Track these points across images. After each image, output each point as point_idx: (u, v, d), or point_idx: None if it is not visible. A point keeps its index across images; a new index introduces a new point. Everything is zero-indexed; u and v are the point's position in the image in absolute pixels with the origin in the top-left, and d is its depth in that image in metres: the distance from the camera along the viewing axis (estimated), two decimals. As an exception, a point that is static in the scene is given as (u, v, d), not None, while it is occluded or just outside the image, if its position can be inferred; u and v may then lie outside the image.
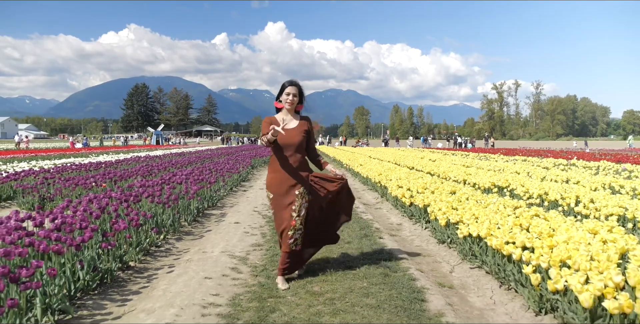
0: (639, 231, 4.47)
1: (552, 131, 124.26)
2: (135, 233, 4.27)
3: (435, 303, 3.02)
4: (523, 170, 10.86)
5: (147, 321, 2.82)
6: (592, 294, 2.37)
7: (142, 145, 47.38)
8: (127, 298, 3.35)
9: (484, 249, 3.79)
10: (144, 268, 4.09)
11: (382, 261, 3.99)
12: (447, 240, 4.68)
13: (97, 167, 11.74)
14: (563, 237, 3.24)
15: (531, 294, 2.93)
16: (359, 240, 4.86)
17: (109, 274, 3.61)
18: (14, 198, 7.96)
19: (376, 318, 2.77)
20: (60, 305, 2.82)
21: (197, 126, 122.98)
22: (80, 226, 3.62)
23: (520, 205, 5.05)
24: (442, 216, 4.75)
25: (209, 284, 3.51)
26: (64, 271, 3.11)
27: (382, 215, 6.97)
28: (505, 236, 3.49)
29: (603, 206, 5.06)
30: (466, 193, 6.13)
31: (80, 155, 19.73)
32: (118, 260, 3.80)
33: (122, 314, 3.03)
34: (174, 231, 5.34)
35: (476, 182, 8.01)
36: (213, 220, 6.35)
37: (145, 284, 3.66)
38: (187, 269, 3.95)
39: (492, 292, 3.40)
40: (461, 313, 2.99)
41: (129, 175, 8.77)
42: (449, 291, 3.49)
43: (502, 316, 3.00)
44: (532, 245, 3.22)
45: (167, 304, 3.09)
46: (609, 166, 12.61)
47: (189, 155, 19.99)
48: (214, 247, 4.70)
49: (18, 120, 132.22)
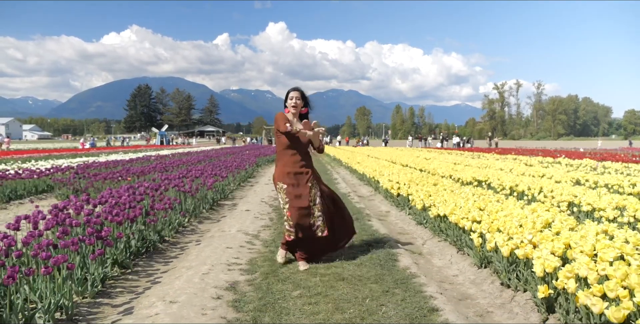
0: (583, 212, 5.40)
1: (554, 131, 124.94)
2: (168, 214, 5.25)
3: (404, 261, 3.99)
4: (507, 167, 11.82)
5: (189, 272, 3.79)
6: (509, 247, 3.33)
7: (147, 145, 48.43)
8: (169, 260, 4.33)
9: (449, 225, 4.75)
10: (177, 242, 5.07)
11: (368, 236, 4.96)
12: (423, 221, 5.65)
13: (116, 165, 12.74)
14: (504, 213, 4.22)
15: (475, 254, 3.90)
16: (351, 222, 5.83)
17: (152, 244, 4.60)
18: (48, 191, 8.97)
19: (359, 270, 3.74)
20: (124, 260, 3.81)
21: (199, 126, 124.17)
22: (129, 206, 4.60)
23: (486, 193, 6.02)
24: (419, 202, 5.74)
25: (231, 252, 4.48)
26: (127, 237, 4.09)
27: (374, 204, 7.94)
28: (463, 214, 4.46)
29: (558, 195, 6.02)
30: (445, 185, 7.11)
31: (92, 155, 20.74)
32: (157, 234, 4.78)
33: (168, 269, 4.02)
34: (195, 216, 6.33)
35: (460, 177, 8.99)
36: (226, 209, 7.34)
37: (180, 252, 4.65)
38: (211, 242, 4.93)
39: (451, 256, 4.37)
40: (423, 268, 3.97)
41: (148, 171, 9.76)
42: (418, 256, 4.47)
43: (454, 271, 3.98)
44: (481, 219, 4.19)
45: (200, 263, 4.06)
46: (590, 163, 13.59)
47: (196, 154, 20.99)
48: (230, 227, 5.68)
49: (22, 121, 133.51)
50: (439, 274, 3.94)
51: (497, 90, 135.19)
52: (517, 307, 3.04)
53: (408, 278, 3.51)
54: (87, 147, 37.68)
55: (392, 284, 3.36)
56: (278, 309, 2.95)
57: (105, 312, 3.06)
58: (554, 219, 4.06)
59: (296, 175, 3.87)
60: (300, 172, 3.89)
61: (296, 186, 3.84)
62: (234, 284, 3.49)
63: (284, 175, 3.89)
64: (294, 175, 3.87)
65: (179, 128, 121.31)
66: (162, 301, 3.09)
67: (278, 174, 3.95)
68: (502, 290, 3.35)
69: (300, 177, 3.88)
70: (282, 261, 4.01)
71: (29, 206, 7.63)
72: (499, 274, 3.47)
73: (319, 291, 3.24)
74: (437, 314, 2.80)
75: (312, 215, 3.84)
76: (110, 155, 20.57)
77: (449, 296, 3.31)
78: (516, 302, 3.10)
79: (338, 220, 4.09)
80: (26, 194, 8.53)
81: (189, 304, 3.03)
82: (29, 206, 7.55)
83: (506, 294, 3.28)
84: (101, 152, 25.13)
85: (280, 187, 3.90)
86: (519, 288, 3.21)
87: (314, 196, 3.87)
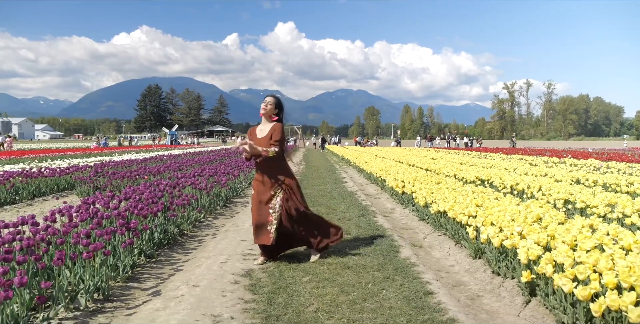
0: (577, 209, 5.70)
1: (564, 131, 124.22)
2: (186, 210, 5.64)
3: (405, 253, 4.33)
4: (512, 167, 12.09)
5: (208, 261, 4.17)
6: (500, 239, 3.66)
7: (158, 144, 49.11)
8: (188, 251, 4.72)
9: (448, 220, 5.08)
10: (194, 235, 5.46)
11: (372, 231, 5.31)
12: (425, 217, 5.98)
13: (131, 164, 13.20)
14: (498, 208, 4.54)
15: (470, 245, 4.23)
16: (357, 218, 6.18)
17: (172, 237, 4.98)
18: (69, 189, 9.42)
19: (363, 260, 4.09)
20: (149, 250, 4.19)
21: (208, 126, 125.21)
22: (151, 201, 4.99)
23: (486, 191, 6.33)
24: (421, 199, 6.07)
25: (245, 244, 4.85)
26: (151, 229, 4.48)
27: (380, 202, 8.28)
28: (461, 209, 4.79)
29: (555, 193, 6.32)
30: (448, 183, 7.43)
31: (106, 155, 21.28)
32: (177, 228, 5.16)
33: (188, 259, 4.40)
34: (210, 212, 6.71)
35: (464, 176, 9.29)
36: (239, 206, 7.72)
37: (198, 244, 5.03)
38: (227, 235, 5.30)
39: (449, 249, 4.71)
40: (422, 259, 4.31)
41: (163, 169, 10.18)
42: (418, 249, 4.80)
43: (451, 261, 4.32)
44: (476, 214, 4.52)
45: (218, 253, 4.44)
46: (594, 163, 13.80)
47: (207, 153, 21.45)
48: (244, 222, 6.05)
49: (34, 121, 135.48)
50: (436, 265, 4.27)
51: (507, 90, 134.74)
52: (504, 292, 3.37)
53: (408, 266, 3.86)
54: (100, 146, 38.39)
55: (392, 272, 3.71)
56: (290, 291, 3.31)
57: (136, 294, 3.45)
58: (545, 214, 4.38)
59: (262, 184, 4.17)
60: (265, 181, 4.14)
61: (262, 193, 4.14)
62: (250, 271, 3.86)
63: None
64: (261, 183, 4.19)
65: (189, 128, 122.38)
66: (186, 285, 3.47)
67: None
68: (493, 278, 3.68)
69: (266, 185, 4.15)
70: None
71: (52, 202, 8.08)
72: (491, 263, 3.80)
73: (326, 277, 3.60)
74: (431, 297, 3.14)
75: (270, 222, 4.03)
76: (123, 154, 21.10)
77: (444, 282, 3.64)
78: (504, 288, 3.44)
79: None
80: (49, 191, 8.99)
81: (210, 287, 3.40)
82: (52, 203, 8.00)
83: (496, 281, 3.61)
84: (114, 151, 25.70)
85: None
86: (507, 276, 3.54)
87: (275, 205, 4.04)
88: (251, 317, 2.88)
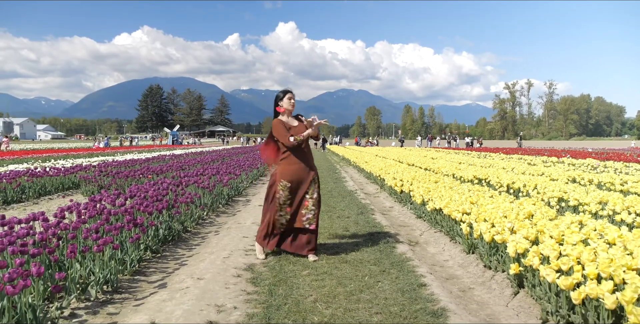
0: (570, 207, 5.85)
1: (565, 131, 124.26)
2: (190, 208, 5.80)
3: (401, 248, 4.49)
4: (510, 166, 12.23)
5: (211, 256, 4.33)
6: (491, 234, 3.82)
7: (160, 144, 49.32)
8: (192, 247, 4.88)
9: (443, 217, 5.24)
10: (198, 232, 5.62)
11: (370, 228, 5.47)
12: (422, 215, 6.14)
13: (134, 164, 13.37)
14: (492, 206, 4.70)
15: (464, 241, 4.38)
16: (356, 215, 6.34)
17: (176, 233, 5.14)
18: (74, 188, 9.60)
19: (360, 255, 4.25)
20: (155, 245, 4.36)
21: (209, 126, 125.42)
22: (156, 199, 5.16)
23: (482, 189, 6.48)
24: (419, 197, 6.23)
25: (247, 241, 5.01)
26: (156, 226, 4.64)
27: (379, 201, 8.44)
28: (456, 207, 4.94)
29: (549, 191, 6.48)
30: (445, 182, 7.59)
31: (108, 154, 21.48)
32: (181, 225, 5.33)
33: (192, 254, 4.56)
34: (212, 210, 6.88)
35: (462, 175, 9.45)
36: (241, 204, 7.89)
37: (201, 241, 5.19)
38: (229, 232, 5.46)
39: (444, 245, 4.86)
40: (418, 254, 4.47)
41: (166, 169, 10.35)
42: (415, 245, 4.96)
43: (446, 256, 4.48)
44: (470, 211, 4.68)
45: (220, 249, 4.60)
46: (592, 163, 13.95)
47: (209, 153, 21.62)
48: (245, 220, 6.21)
49: (35, 121, 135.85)
50: (431, 259, 4.44)
51: (508, 90, 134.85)
52: (495, 284, 3.53)
53: (403, 261, 4.02)
54: (102, 146, 38.61)
55: (388, 266, 3.87)
56: (290, 284, 3.47)
57: (143, 286, 3.61)
58: (536, 211, 4.53)
59: (302, 172, 4.14)
60: (305, 169, 4.16)
61: (301, 183, 4.13)
62: (251, 266, 4.02)
63: (288, 174, 4.11)
64: (300, 172, 4.13)
65: (190, 128, 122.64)
66: (191, 278, 3.63)
67: (282, 173, 4.14)
68: (485, 271, 3.84)
69: (306, 174, 4.15)
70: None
71: (58, 201, 8.25)
72: (483, 257, 3.96)
73: (324, 271, 3.76)
74: (424, 289, 3.30)
75: (306, 207, 4.16)
76: (125, 154, 21.29)
77: (437, 276, 3.80)
78: (495, 280, 3.59)
79: None
80: (54, 190, 9.16)
81: (214, 280, 3.57)
82: (58, 201, 8.17)
83: (487, 274, 3.77)
84: (116, 151, 25.90)
85: (284, 186, 4.11)
86: (498, 269, 3.70)
87: (314, 192, 4.20)
88: (253, 307, 3.04)
